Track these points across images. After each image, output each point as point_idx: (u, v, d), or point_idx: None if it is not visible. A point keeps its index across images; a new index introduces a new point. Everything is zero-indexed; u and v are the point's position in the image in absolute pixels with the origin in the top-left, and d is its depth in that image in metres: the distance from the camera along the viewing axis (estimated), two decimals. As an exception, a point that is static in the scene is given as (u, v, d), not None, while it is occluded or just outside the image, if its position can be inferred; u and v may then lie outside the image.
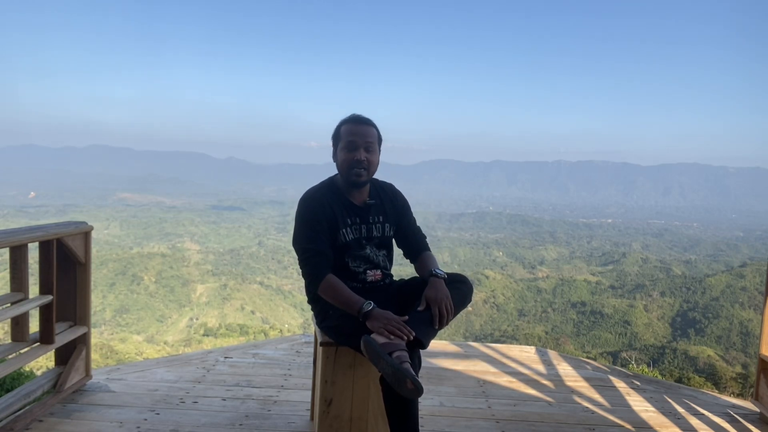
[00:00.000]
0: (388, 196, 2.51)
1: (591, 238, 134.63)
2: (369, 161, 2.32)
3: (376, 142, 2.36)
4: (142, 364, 3.62)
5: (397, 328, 2.09)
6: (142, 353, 31.27)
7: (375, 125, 2.39)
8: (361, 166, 2.30)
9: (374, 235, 2.42)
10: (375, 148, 2.35)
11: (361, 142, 2.30)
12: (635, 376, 3.84)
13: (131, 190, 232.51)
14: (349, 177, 2.32)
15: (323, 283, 2.27)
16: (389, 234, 2.48)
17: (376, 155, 2.36)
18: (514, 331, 52.57)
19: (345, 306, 2.21)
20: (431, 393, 3.26)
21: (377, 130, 2.39)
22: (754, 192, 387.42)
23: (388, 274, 2.49)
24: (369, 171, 2.34)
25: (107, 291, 71.04)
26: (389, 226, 2.47)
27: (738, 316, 57.01)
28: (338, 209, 2.36)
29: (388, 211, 2.48)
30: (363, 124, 2.35)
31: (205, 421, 2.72)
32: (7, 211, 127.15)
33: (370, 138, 2.33)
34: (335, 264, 2.34)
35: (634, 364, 21.54)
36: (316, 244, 2.29)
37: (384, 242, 2.48)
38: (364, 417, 2.36)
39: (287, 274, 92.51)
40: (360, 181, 2.34)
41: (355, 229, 2.39)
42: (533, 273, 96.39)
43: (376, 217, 2.44)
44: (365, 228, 2.40)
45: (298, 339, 4.33)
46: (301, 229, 2.32)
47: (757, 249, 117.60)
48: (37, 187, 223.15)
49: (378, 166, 2.40)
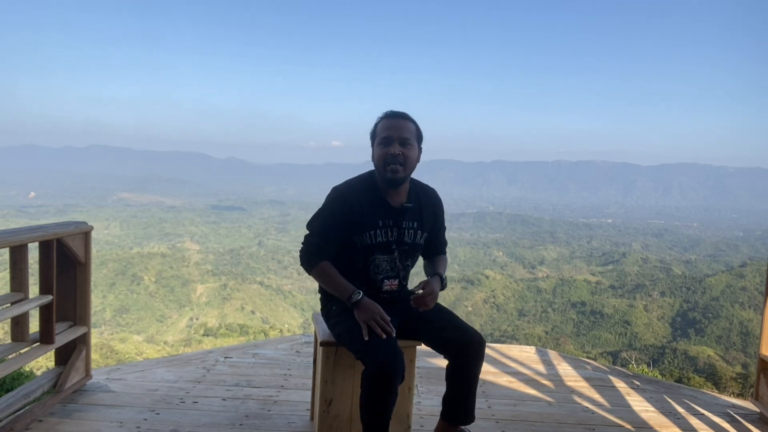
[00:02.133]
0: (428, 202, 2.38)
1: (591, 238, 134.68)
2: (405, 156, 2.20)
3: (413, 137, 2.25)
4: (142, 364, 3.62)
5: (379, 324, 2.10)
6: (142, 353, 31.28)
7: (413, 120, 2.28)
8: (396, 161, 2.19)
9: (405, 240, 2.31)
10: (412, 144, 2.24)
11: (395, 137, 2.20)
12: (635, 376, 3.84)
13: (131, 190, 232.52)
14: (385, 174, 2.22)
15: (318, 267, 2.28)
16: (420, 242, 2.36)
17: (413, 151, 2.24)
18: (514, 331, 52.61)
19: (336, 291, 2.24)
20: (431, 393, 3.26)
21: (416, 125, 2.28)
22: (754, 192, 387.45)
23: (404, 285, 2.40)
24: (406, 167, 2.22)
25: (107, 291, 71.06)
26: (421, 234, 2.34)
27: (738, 316, 57.05)
28: (371, 208, 2.26)
29: (424, 218, 2.35)
30: (398, 118, 2.25)
31: (205, 421, 2.72)
32: (7, 211, 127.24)
33: (406, 133, 2.22)
34: (355, 267, 2.30)
35: (634, 364, 21.55)
36: (320, 240, 2.28)
37: (413, 251, 2.36)
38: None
39: (287, 274, 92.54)
40: (396, 178, 2.21)
41: (386, 231, 2.27)
42: (533, 273, 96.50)
43: (410, 222, 2.31)
44: (397, 232, 2.29)
45: (298, 339, 4.33)
46: (317, 218, 2.31)
47: (757, 249, 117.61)
48: (37, 187, 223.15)
49: (417, 163, 2.28)
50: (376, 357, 2.05)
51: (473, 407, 2.34)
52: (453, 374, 2.30)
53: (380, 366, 2.02)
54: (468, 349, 2.24)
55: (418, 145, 2.27)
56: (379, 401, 2.06)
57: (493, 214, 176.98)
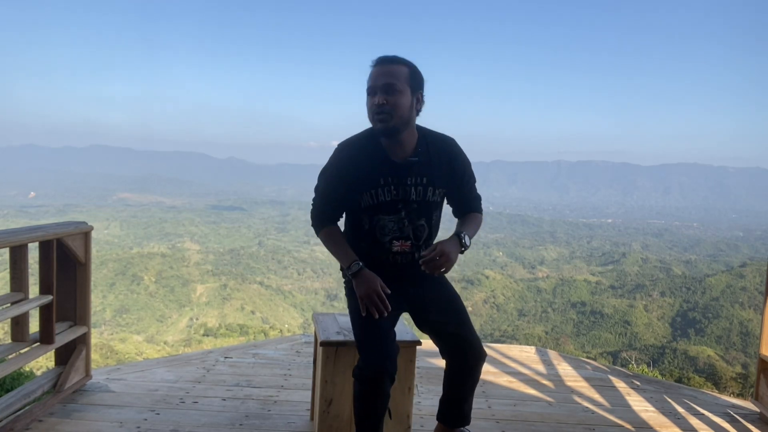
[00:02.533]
0: (442, 154, 2.11)
1: (591, 238, 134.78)
2: (391, 104, 1.98)
3: (400, 81, 1.99)
4: (142, 364, 3.62)
5: (374, 303, 2.00)
6: (142, 353, 31.31)
7: (405, 62, 2.03)
8: (380, 111, 1.98)
9: (411, 198, 2.09)
10: (400, 89, 1.98)
11: (379, 85, 1.98)
12: (635, 376, 3.84)
13: (131, 190, 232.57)
14: (374, 127, 2.05)
15: (322, 232, 2.20)
16: (434, 199, 2.12)
17: (402, 97, 1.99)
18: (514, 331, 52.65)
19: (338, 259, 2.14)
20: (431, 393, 3.26)
21: (408, 68, 2.02)
22: (754, 192, 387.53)
23: (419, 246, 2.16)
24: (394, 115, 1.99)
25: (107, 291, 71.11)
26: (434, 190, 2.11)
27: (738, 316, 57.09)
28: (372, 165, 2.08)
29: (435, 172, 2.10)
30: (384, 64, 2.01)
31: (205, 421, 2.72)
32: (7, 211, 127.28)
33: (390, 78, 1.98)
34: (362, 229, 2.16)
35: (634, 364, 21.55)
36: (324, 202, 2.19)
37: (425, 209, 2.13)
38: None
39: (287, 274, 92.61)
40: (385, 129, 2.01)
41: (387, 190, 2.08)
42: (533, 273, 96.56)
43: (417, 178, 2.08)
44: (401, 190, 2.08)
45: (298, 339, 4.34)
46: (322, 178, 2.19)
47: (757, 249, 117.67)
48: (37, 187, 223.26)
49: (414, 111, 2.05)
50: (368, 356, 2.01)
51: (468, 410, 2.32)
52: (449, 377, 2.28)
53: (368, 366, 1.99)
54: (466, 358, 2.20)
55: (412, 90, 2.02)
56: (366, 401, 2.03)
57: (493, 214, 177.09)
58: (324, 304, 78.88)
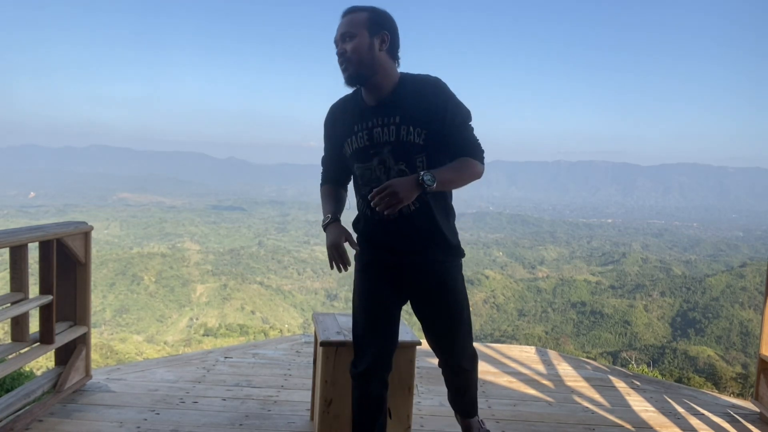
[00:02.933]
0: (420, 90, 1.93)
1: (591, 238, 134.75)
2: (349, 50, 1.89)
3: (359, 27, 1.89)
4: (142, 364, 3.62)
5: (332, 257, 1.95)
6: (142, 353, 31.30)
7: (362, 8, 1.93)
8: (342, 61, 1.91)
9: (384, 140, 1.93)
10: (354, 33, 1.89)
11: (338, 36, 1.92)
12: (635, 376, 3.84)
13: (131, 190, 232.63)
14: (343, 76, 1.95)
15: (320, 191, 2.18)
16: (409, 139, 1.91)
17: (357, 41, 1.88)
18: (514, 331, 52.62)
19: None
20: (431, 393, 3.26)
21: (367, 12, 1.92)
22: (754, 192, 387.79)
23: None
24: (352, 60, 1.88)
25: (107, 291, 71.12)
26: (408, 128, 1.90)
27: (738, 316, 57.09)
28: (350, 115, 2.01)
29: (410, 110, 1.91)
30: (344, 16, 1.94)
31: (205, 421, 2.72)
32: (7, 211, 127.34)
33: (347, 27, 1.90)
34: (355, 184, 2.09)
35: (634, 364, 21.56)
36: (323, 164, 2.21)
37: (401, 151, 1.93)
38: (364, 417, 2.36)
39: (287, 274, 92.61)
40: (347, 78, 1.92)
41: (360, 136, 1.96)
42: (533, 273, 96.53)
43: (388, 118, 1.92)
44: (373, 133, 1.94)
45: (298, 339, 4.34)
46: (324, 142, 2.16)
47: (757, 249, 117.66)
48: (37, 187, 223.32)
49: (370, 51, 1.89)
50: (355, 354, 2.08)
51: (468, 404, 2.40)
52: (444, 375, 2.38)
53: (354, 365, 2.07)
54: (445, 366, 2.29)
55: (371, 32, 1.89)
56: (354, 400, 2.08)
57: (493, 214, 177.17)
58: (324, 304, 78.90)
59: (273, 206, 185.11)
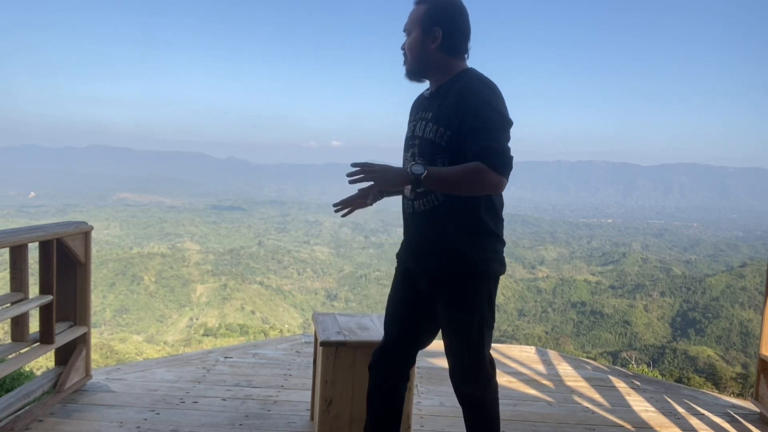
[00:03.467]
0: (454, 90, 1.86)
1: (591, 238, 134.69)
2: (405, 47, 1.95)
3: (412, 22, 1.92)
4: (142, 364, 3.62)
5: (346, 199, 2.09)
6: (142, 353, 31.27)
7: (425, 1, 1.91)
8: (403, 55, 1.99)
9: (417, 134, 1.93)
10: (409, 29, 1.93)
11: (404, 30, 1.99)
12: (635, 376, 3.84)
13: (131, 190, 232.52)
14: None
15: None
16: (433, 138, 1.86)
17: (413, 38, 1.91)
18: (514, 331, 52.60)
19: None
20: (431, 393, 3.26)
21: (425, 5, 1.90)
22: (754, 192, 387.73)
23: (421, 195, 1.90)
24: (407, 57, 1.95)
25: (107, 291, 71.09)
26: (436, 128, 1.85)
27: (738, 316, 57.07)
28: (415, 105, 2.07)
29: (442, 108, 1.86)
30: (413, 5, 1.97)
31: (205, 421, 2.72)
32: (7, 211, 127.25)
33: (407, 21, 1.95)
34: None
35: (634, 364, 21.55)
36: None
37: (426, 148, 1.88)
38: (364, 417, 2.36)
39: (287, 274, 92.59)
40: (407, 72, 1.98)
41: (409, 126, 2.01)
42: (533, 273, 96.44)
43: (425, 113, 1.93)
44: (413, 126, 1.98)
45: (298, 339, 4.34)
46: None
47: (757, 249, 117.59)
48: (37, 187, 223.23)
49: (422, 47, 1.90)
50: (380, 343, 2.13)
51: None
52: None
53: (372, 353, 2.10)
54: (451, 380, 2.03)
55: (424, 28, 1.89)
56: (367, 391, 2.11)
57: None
58: (324, 304, 78.88)
59: (273, 206, 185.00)
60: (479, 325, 1.91)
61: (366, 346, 2.32)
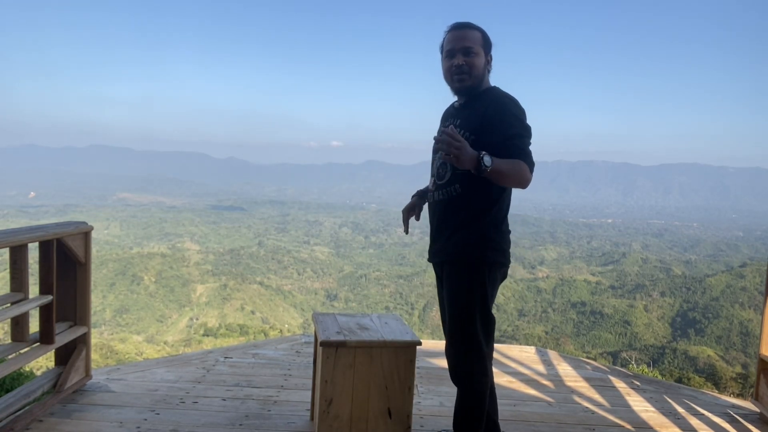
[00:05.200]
0: (485, 101, 2.19)
1: (591, 238, 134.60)
2: (469, 64, 2.17)
3: (477, 44, 2.19)
4: (142, 364, 3.62)
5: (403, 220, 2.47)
6: (142, 353, 31.25)
7: (478, 28, 2.23)
8: (460, 72, 2.18)
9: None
10: (477, 51, 2.18)
11: (458, 48, 2.17)
12: (635, 376, 3.84)
13: (131, 190, 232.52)
14: (452, 85, 2.25)
15: None
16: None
17: (478, 58, 2.19)
18: (514, 331, 52.61)
19: None
20: (431, 393, 3.26)
21: (481, 33, 2.22)
22: (754, 192, 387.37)
23: (442, 186, 2.24)
24: (471, 74, 2.18)
25: (107, 291, 71.05)
26: (462, 131, 2.12)
27: (738, 316, 57.04)
28: (447, 114, 2.38)
29: (471, 117, 2.18)
30: (460, 29, 2.21)
31: (205, 421, 2.72)
32: (7, 211, 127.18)
33: (468, 42, 2.18)
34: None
35: (634, 364, 21.55)
36: None
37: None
38: (364, 417, 2.36)
39: (287, 274, 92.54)
40: (463, 87, 2.21)
41: (439, 131, 2.26)
42: (533, 273, 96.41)
43: (454, 120, 2.24)
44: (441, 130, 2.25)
45: (298, 339, 4.34)
46: None
47: (757, 249, 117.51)
48: (37, 187, 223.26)
49: (486, 71, 2.23)
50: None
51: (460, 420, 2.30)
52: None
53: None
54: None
55: (485, 52, 2.22)
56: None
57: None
58: (324, 304, 78.84)
59: (273, 206, 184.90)
60: (468, 307, 2.16)
61: (366, 347, 2.32)
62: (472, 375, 2.22)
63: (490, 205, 2.17)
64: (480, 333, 2.18)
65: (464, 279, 2.17)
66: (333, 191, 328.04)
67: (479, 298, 2.16)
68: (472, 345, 2.19)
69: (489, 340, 2.25)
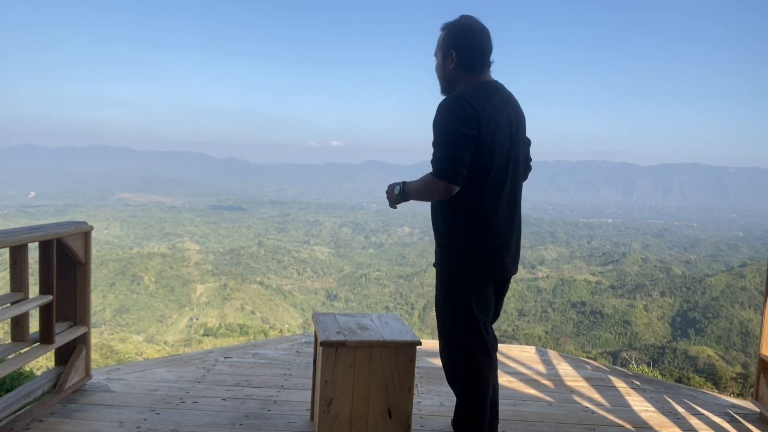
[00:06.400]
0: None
1: (591, 238, 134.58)
2: (435, 69, 2.26)
3: (438, 49, 2.22)
4: (142, 364, 3.62)
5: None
6: (142, 353, 31.24)
7: (442, 27, 2.20)
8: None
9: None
10: (436, 55, 2.23)
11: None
12: (635, 376, 3.84)
13: (131, 190, 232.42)
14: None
15: None
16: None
17: (438, 61, 2.23)
18: (514, 331, 52.59)
19: None
20: (431, 393, 3.26)
21: (444, 31, 2.19)
22: (754, 192, 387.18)
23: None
24: (438, 79, 2.26)
25: (107, 291, 71.05)
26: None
27: (738, 316, 57.05)
28: None
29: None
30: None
31: (205, 421, 2.72)
32: (7, 211, 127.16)
33: (436, 46, 2.23)
34: None
35: (634, 364, 21.53)
36: None
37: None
38: (364, 417, 2.36)
39: (287, 274, 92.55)
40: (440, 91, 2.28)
41: None
42: (533, 273, 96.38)
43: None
44: None
45: (298, 339, 4.33)
46: None
47: (757, 249, 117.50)
48: (37, 187, 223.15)
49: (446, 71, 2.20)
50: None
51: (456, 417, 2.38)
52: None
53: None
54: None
55: (444, 52, 2.18)
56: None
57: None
58: (324, 304, 78.84)
59: (273, 206, 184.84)
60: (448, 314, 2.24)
61: (366, 346, 2.32)
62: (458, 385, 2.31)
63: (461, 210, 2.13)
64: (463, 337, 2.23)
65: (438, 288, 2.29)
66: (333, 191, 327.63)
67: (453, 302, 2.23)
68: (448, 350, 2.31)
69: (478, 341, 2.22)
